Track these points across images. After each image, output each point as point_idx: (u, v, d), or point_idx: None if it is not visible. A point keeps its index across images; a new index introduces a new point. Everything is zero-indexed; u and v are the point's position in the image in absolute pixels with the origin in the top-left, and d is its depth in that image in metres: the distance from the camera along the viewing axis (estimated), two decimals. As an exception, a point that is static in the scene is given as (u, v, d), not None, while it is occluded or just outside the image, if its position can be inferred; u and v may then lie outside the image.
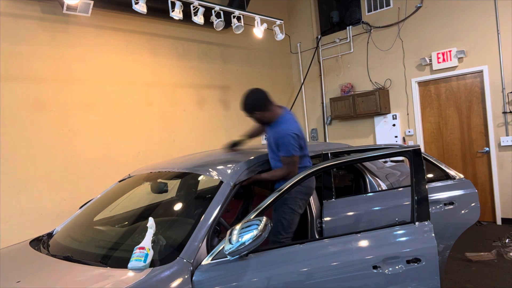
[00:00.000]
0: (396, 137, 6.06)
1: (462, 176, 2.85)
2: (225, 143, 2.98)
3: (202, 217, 2.08)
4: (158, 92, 4.98)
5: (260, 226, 1.78)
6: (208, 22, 4.79)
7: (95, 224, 2.61)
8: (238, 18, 4.94)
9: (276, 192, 2.08)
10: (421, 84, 5.81)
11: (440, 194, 2.68)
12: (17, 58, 3.76)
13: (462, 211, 2.65)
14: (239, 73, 6.19)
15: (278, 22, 5.45)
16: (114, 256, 2.06)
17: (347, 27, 6.50)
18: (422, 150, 5.13)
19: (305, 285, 1.88)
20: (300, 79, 7.22)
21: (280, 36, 5.43)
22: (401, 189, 2.75)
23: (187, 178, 2.85)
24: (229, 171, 2.43)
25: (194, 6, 4.45)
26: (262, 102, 2.63)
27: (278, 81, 6.95)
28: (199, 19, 4.50)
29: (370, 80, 6.28)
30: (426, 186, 2.10)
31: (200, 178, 2.69)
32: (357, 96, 6.17)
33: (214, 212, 2.11)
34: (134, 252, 1.82)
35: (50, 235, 2.58)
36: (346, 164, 2.73)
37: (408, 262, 1.98)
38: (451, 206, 2.65)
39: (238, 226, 1.83)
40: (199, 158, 2.85)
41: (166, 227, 2.31)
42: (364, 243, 2.01)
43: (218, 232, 2.30)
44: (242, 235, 1.77)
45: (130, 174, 3.04)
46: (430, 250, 1.99)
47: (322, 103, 6.97)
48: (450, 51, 5.36)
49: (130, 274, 1.76)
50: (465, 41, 5.29)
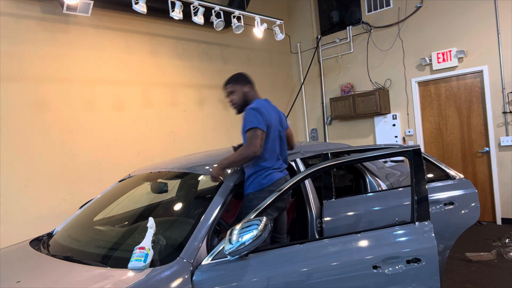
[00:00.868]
0: (396, 137, 6.06)
1: (462, 176, 2.84)
2: (232, 146, 2.77)
3: (202, 217, 2.08)
4: (158, 92, 4.98)
5: (260, 226, 1.78)
6: (208, 22, 4.79)
7: (95, 224, 2.61)
8: (238, 18, 4.94)
9: (276, 192, 2.08)
10: (421, 84, 5.81)
11: (440, 194, 2.68)
12: (17, 58, 3.76)
13: (462, 211, 2.65)
14: (239, 73, 6.18)
15: (278, 22, 5.45)
16: (114, 256, 2.06)
17: (347, 27, 6.50)
18: (422, 150, 5.13)
19: (305, 285, 1.88)
20: (300, 79, 7.22)
21: (280, 36, 5.43)
22: (401, 189, 2.75)
23: (187, 178, 2.85)
24: (229, 171, 2.44)
25: (194, 6, 4.46)
26: (251, 81, 2.67)
27: (278, 81, 6.95)
28: (199, 19, 4.50)
29: (370, 80, 6.28)
30: (426, 186, 2.11)
31: (200, 178, 2.69)
32: (357, 96, 6.17)
33: (214, 212, 2.11)
34: (134, 252, 1.82)
35: (50, 235, 2.58)
36: (346, 164, 2.73)
37: (408, 262, 1.98)
38: (451, 206, 2.65)
39: (238, 226, 1.83)
40: (199, 158, 2.85)
41: (166, 227, 2.31)
42: (364, 243, 2.01)
43: (218, 232, 2.30)
44: (242, 235, 1.77)
45: (130, 174, 3.04)
46: (430, 250, 1.99)
47: (322, 103, 6.97)
48: (450, 51, 5.36)
49: (130, 274, 1.76)
50: (465, 41, 5.29)
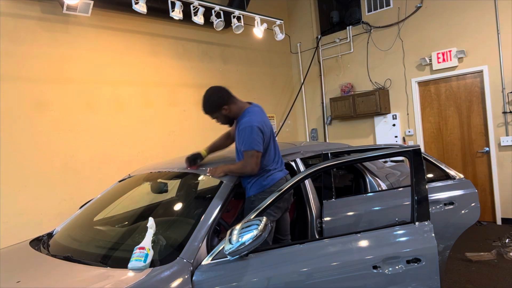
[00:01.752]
0: (396, 137, 6.05)
1: (462, 176, 2.84)
2: (186, 156, 2.61)
3: (202, 217, 2.08)
4: (158, 92, 4.98)
5: (260, 226, 1.78)
6: (208, 22, 4.79)
7: (95, 224, 2.61)
8: (238, 18, 4.94)
9: (276, 192, 2.08)
10: (421, 84, 5.81)
11: (440, 194, 2.68)
12: (17, 58, 3.76)
13: (462, 211, 2.65)
14: (239, 73, 6.19)
15: (278, 22, 5.44)
16: (114, 256, 2.06)
17: (347, 27, 6.50)
18: (422, 150, 5.13)
19: (305, 285, 1.88)
20: (300, 79, 7.22)
21: (280, 36, 5.43)
22: (401, 189, 2.75)
23: (187, 178, 2.85)
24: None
25: (194, 6, 4.45)
26: (226, 96, 2.47)
27: (278, 81, 6.95)
28: (199, 19, 4.50)
29: (370, 80, 6.28)
30: (426, 186, 2.11)
31: (200, 178, 2.69)
32: (357, 96, 6.17)
33: (214, 212, 2.11)
34: (134, 252, 1.82)
35: (50, 235, 2.58)
36: (346, 164, 2.73)
37: (408, 262, 1.98)
38: (451, 206, 2.65)
39: (238, 226, 1.83)
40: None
41: (166, 227, 2.31)
42: (364, 243, 2.01)
43: (218, 232, 2.30)
44: (242, 235, 1.77)
45: (130, 174, 3.04)
46: (430, 250, 1.99)
47: (322, 103, 6.97)
48: (450, 51, 5.36)
49: (130, 274, 1.76)
50: (465, 41, 5.29)
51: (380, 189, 3.14)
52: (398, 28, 5.91)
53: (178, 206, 2.79)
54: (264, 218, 1.82)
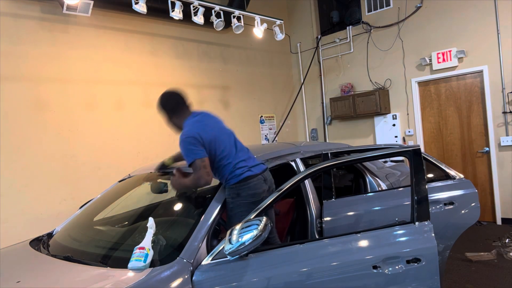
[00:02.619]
0: (396, 137, 6.05)
1: (462, 176, 2.84)
2: (156, 165, 2.72)
3: (202, 217, 2.08)
4: (158, 92, 4.92)
5: (260, 226, 1.78)
6: (208, 22, 4.79)
7: (95, 224, 2.61)
8: (238, 18, 4.94)
9: (276, 192, 2.08)
10: (421, 84, 5.81)
11: (440, 194, 2.68)
12: (17, 58, 3.76)
13: (462, 211, 2.65)
14: (239, 73, 6.19)
15: (278, 22, 5.44)
16: (114, 256, 2.06)
17: (347, 27, 6.50)
18: (422, 150, 5.13)
19: (305, 285, 1.88)
20: (300, 79, 7.22)
21: (280, 36, 5.43)
22: (401, 189, 2.75)
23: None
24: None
25: (194, 6, 4.45)
26: (167, 105, 2.38)
27: (278, 81, 6.95)
28: (199, 19, 4.50)
29: (370, 80, 6.28)
30: (426, 186, 2.11)
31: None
32: (357, 96, 6.17)
33: (214, 212, 2.11)
34: (134, 252, 1.82)
35: (50, 235, 2.58)
36: (346, 164, 2.73)
37: (408, 262, 1.98)
38: (451, 206, 2.65)
39: (238, 226, 1.83)
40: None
41: (166, 227, 2.31)
42: (364, 243, 2.01)
43: (218, 232, 2.29)
44: (242, 235, 1.77)
45: (130, 174, 3.04)
46: (430, 250, 1.98)
47: (322, 103, 6.97)
48: (450, 51, 5.36)
49: (130, 274, 1.76)
50: (465, 41, 5.29)
51: (380, 189, 3.14)
52: (398, 28, 5.91)
53: (178, 206, 2.79)
54: (264, 218, 1.82)
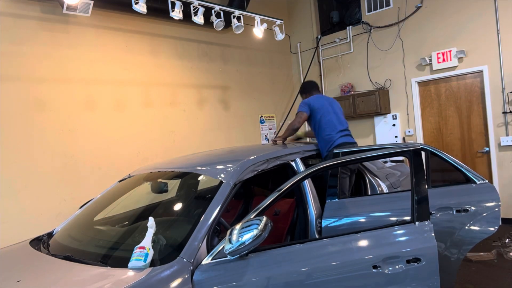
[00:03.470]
0: (396, 137, 6.06)
1: (486, 180, 2.70)
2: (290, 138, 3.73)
3: (202, 217, 2.08)
4: (158, 92, 4.98)
5: (260, 226, 1.78)
6: (208, 22, 4.79)
7: (95, 224, 2.61)
8: (238, 18, 4.94)
9: (276, 192, 2.08)
10: (421, 84, 5.81)
11: (458, 199, 2.59)
12: (17, 58, 3.76)
13: (483, 217, 2.57)
14: (239, 73, 6.19)
15: (278, 22, 5.45)
16: (114, 255, 2.06)
17: (347, 27, 6.50)
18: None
19: (305, 285, 1.88)
20: (300, 79, 7.22)
21: (280, 36, 5.43)
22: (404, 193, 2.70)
23: (187, 178, 2.85)
24: (229, 171, 2.43)
25: (194, 6, 4.45)
26: (303, 87, 3.91)
27: (278, 81, 6.95)
28: (199, 19, 4.50)
29: (370, 80, 6.28)
30: (426, 186, 2.11)
31: (200, 178, 2.69)
32: (357, 96, 6.17)
33: (214, 212, 2.11)
34: (134, 251, 1.82)
35: (50, 235, 2.58)
36: (346, 164, 2.72)
37: (408, 262, 1.98)
38: (468, 212, 2.57)
39: (238, 226, 1.83)
40: (199, 158, 2.85)
41: (166, 227, 2.31)
42: (364, 243, 2.01)
43: (218, 232, 2.29)
44: (242, 235, 1.77)
45: (130, 174, 3.04)
46: (430, 250, 1.98)
47: (322, 103, 6.96)
48: (450, 51, 5.36)
49: (130, 273, 1.76)
50: (465, 41, 5.29)
51: (380, 189, 3.14)
52: (398, 28, 5.91)
53: (178, 206, 2.79)
54: (264, 218, 1.82)
